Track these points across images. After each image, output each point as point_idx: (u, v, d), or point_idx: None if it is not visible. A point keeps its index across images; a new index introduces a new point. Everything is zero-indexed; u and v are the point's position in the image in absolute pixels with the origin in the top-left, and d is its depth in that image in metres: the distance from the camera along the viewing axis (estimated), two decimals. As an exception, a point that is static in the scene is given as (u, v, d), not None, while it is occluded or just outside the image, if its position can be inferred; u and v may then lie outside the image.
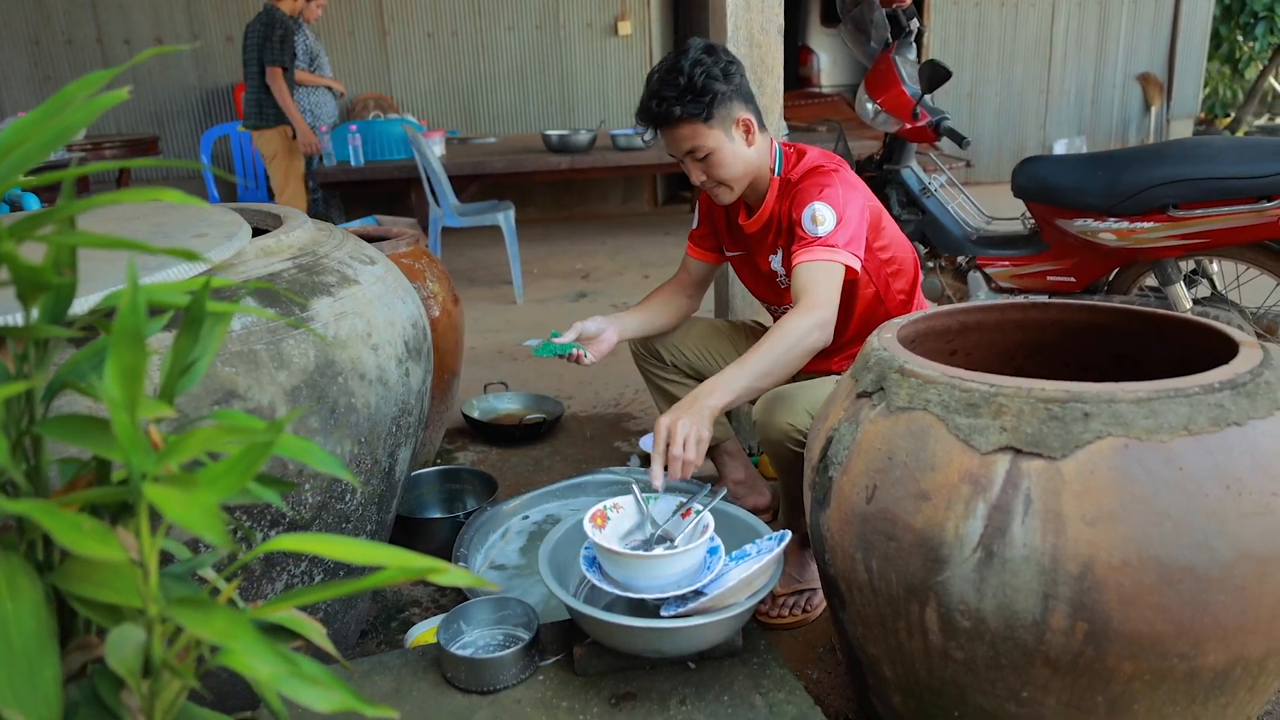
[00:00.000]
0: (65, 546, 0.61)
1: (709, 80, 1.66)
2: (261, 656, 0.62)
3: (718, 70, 1.68)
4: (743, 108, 1.74)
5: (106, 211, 1.62)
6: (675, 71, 1.67)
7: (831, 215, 1.65)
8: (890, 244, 1.83)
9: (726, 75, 1.69)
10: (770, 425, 1.63)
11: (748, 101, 1.76)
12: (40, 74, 6.39)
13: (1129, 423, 1.03)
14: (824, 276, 1.63)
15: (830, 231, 1.65)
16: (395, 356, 1.51)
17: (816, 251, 1.64)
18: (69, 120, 0.76)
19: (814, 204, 1.67)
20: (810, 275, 1.64)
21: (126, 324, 0.65)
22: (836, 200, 1.66)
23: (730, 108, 1.71)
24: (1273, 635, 1.04)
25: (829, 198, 1.67)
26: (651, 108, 1.70)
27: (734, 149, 1.74)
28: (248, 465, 0.64)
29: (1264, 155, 2.30)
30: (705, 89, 1.66)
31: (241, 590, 1.32)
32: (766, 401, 1.66)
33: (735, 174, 1.76)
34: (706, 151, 1.72)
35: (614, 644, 1.28)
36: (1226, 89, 9.99)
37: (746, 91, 1.76)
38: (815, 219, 1.66)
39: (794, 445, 1.61)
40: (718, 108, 1.69)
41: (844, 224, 1.66)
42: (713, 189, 1.80)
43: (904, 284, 1.86)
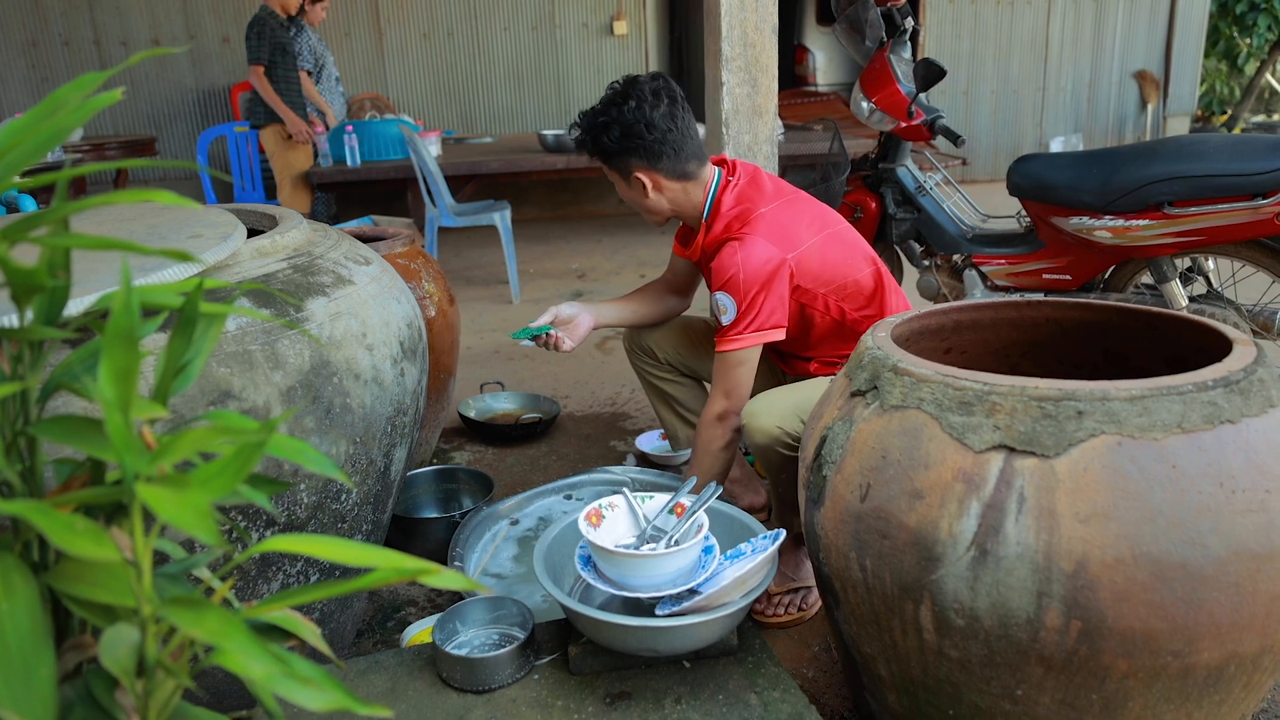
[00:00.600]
0: (58, 547, 0.61)
1: (602, 135, 1.76)
2: (254, 656, 0.62)
3: (617, 131, 1.74)
4: (642, 166, 1.78)
5: (103, 212, 1.62)
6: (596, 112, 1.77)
7: (731, 305, 1.72)
8: (834, 276, 1.81)
9: (627, 135, 1.73)
10: (757, 429, 1.64)
11: (653, 161, 1.77)
12: (37, 76, 6.39)
13: (1122, 421, 1.03)
14: (725, 368, 1.75)
15: (733, 320, 1.73)
16: (390, 356, 1.51)
17: (723, 343, 1.75)
18: (63, 122, 0.76)
19: (717, 295, 1.75)
20: (717, 367, 1.77)
21: (120, 325, 0.65)
22: (736, 285, 1.71)
23: (624, 164, 1.79)
24: (1267, 632, 1.04)
25: (729, 285, 1.71)
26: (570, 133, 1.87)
27: (630, 192, 1.85)
28: (240, 466, 0.64)
29: (1259, 152, 2.31)
30: (596, 140, 1.78)
31: (237, 590, 1.32)
32: (753, 406, 1.67)
33: (643, 209, 1.87)
34: (612, 180, 1.85)
35: (609, 643, 1.28)
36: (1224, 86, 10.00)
37: (655, 151, 1.76)
38: (719, 309, 1.75)
39: (782, 448, 1.62)
40: (610, 160, 1.80)
41: (747, 309, 1.71)
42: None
43: (860, 302, 1.85)
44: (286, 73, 4.51)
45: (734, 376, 1.75)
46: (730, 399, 1.75)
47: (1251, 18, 8.86)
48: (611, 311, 2.05)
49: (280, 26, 4.43)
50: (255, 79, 4.38)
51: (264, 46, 4.37)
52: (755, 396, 1.72)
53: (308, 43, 4.91)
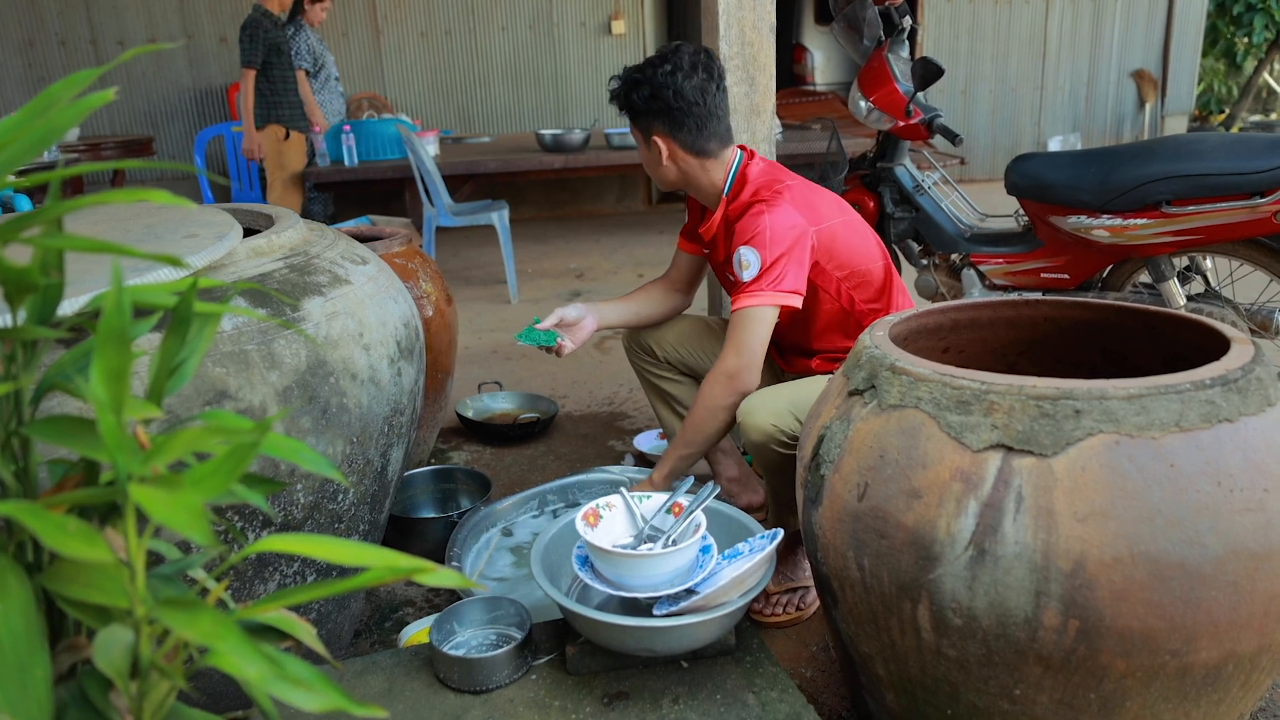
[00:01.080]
0: (51, 548, 0.61)
1: (637, 88, 1.75)
2: (248, 657, 0.61)
3: (647, 89, 1.74)
4: (663, 131, 1.78)
5: (100, 211, 1.62)
6: (638, 67, 1.77)
7: (755, 259, 1.69)
8: (848, 261, 1.81)
9: (655, 96, 1.74)
10: (752, 427, 1.64)
11: (674, 130, 1.77)
12: (34, 75, 6.38)
13: (1120, 419, 1.03)
14: (741, 324, 1.71)
15: (755, 276, 1.69)
16: (387, 356, 1.50)
17: (739, 299, 1.71)
18: (55, 121, 0.76)
19: (740, 249, 1.72)
20: (732, 324, 1.73)
21: (112, 325, 0.65)
22: (763, 243, 1.69)
23: (647, 124, 1.79)
24: (1265, 631, 1.04)
25: (755, 241, 1.69)
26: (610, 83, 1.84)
27: (648, 155, 1.84)
28: (234, 466, 0.64)
29: (1256, 151, 2.31)
30: (626, 95, 1.78)
31: (234, 590, 1.32)
32: (749, 403, 1.67)
33: (656, 175, 1.87)
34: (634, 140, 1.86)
35: (606, 643, 1.28)
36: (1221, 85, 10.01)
37: (678, 120, 1.76)
38: (741, 264, 1.71)
39: (778, 446, 1.62)
40: (635, 118, 1.80)
41: (770, 266, 1.68)
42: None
43: (870, 294, 1.86)
44: (283, 73, 4.49)
45: (749, 334, 1.69)
46: (742, 357, 1.69)
47: (1249, 17, 8.87)
48: (614, 312, 2.04)
49: (275, 26, 4.40)
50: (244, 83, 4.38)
51: (257, 49, 4.34)
52: (752, 394, 1.71)
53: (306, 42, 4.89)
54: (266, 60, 4.40)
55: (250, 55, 4.34)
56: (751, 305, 1.69)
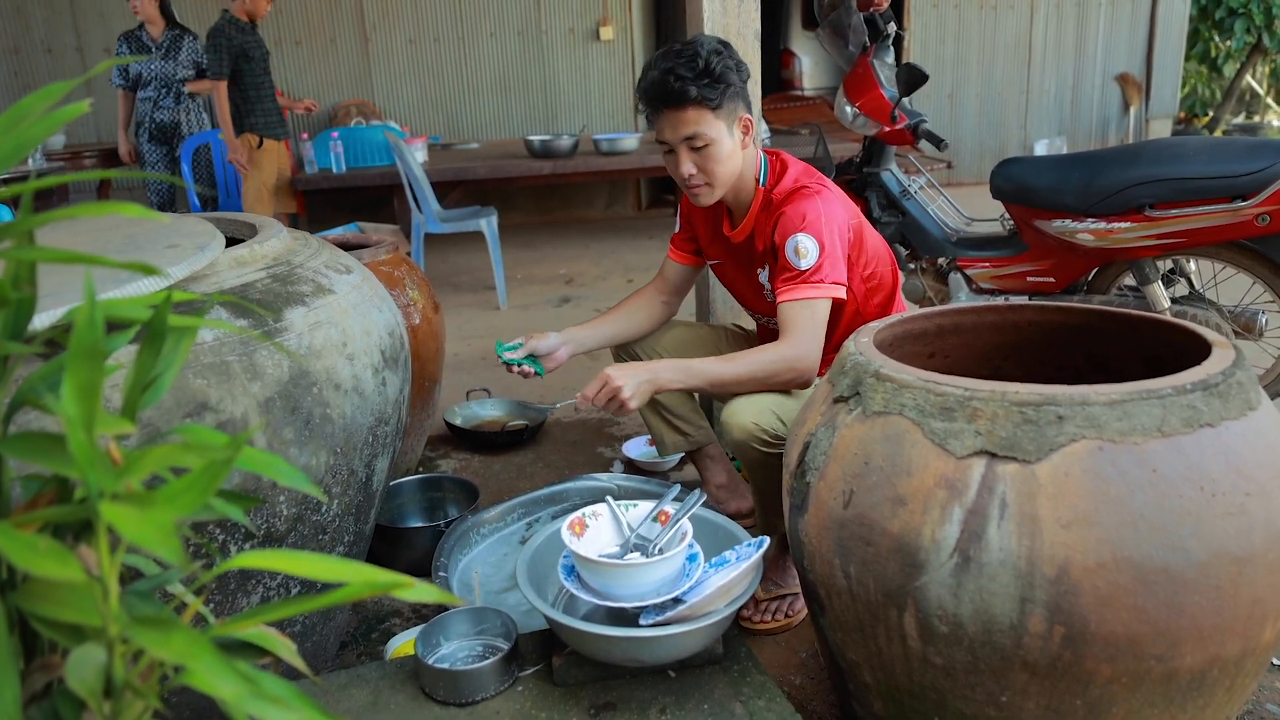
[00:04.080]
0: (20, 567, 0.60)
1: (726, 70, 1.66)
2: (223, 676, 0.61)
3: (732, 63, 1.68)
4: (746, 108, 1.75)
5: (81, 223, 1.61)
6: (693, 55, 1.65)
7: (815, 248, 1.65)
8: (871, 259, 1.82)
9: (739, 70, 1.70)
10: (734, 425, 1.63)
11: (749, 105, 1.77)
12: (20, 83, 6.34)
13: (1102, 425, 1.03)
14: (807, 315, 1.65)
15: (814, 265, 1.65)
16: (371, 366, 1.50)
17: (801, 289, 1.65)
18: (27, 134, 0.75)
19: (797, 235, 1.66)
20: (793, 314, 1.66)
21: (83, 341, 0.64)
22: (820, 230, 1.65)
23: (737, 104, 1.71)
24: (1249, 635, 1.04)
25: (812, 228, 1.65)
26: (668, 83, 1.65)
27: (732, 145, 1.72)
28: (208, 482, 0.63)
29: (1238, 155, 2.32)
30: (722, 77, 1.65)
31: (216, 604, 1.30)
32: (733, 404, 1.66)
33: (725, 172, 1.73)
34: (706, 141, 1.69)
35: (592, 654, 1.27)
36: (1205, 88, 10.09)
37: (748, 95, 1.76)
38: (799, 251, 1.66)
39: (759, 445, 1.61)
40: (728, 100, 1.68)
41: (827, 255, 1.65)
42: (697, 186, 1.75)
43: (881, 297, 1.86)
44: (255, 80, 4.43)
45: (816, 328, 1.64)
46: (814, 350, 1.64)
47: (1230, 22, 8.95)
48: (592, 336, 1.99)
49: (241, 33, 4.36)
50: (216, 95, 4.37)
51: (223, 59, 4.30)
52: (737, 396, 1.70)
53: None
54: (236, 68, 4.36)
55: (216, 66, 4.31)
56: (814, 296, 1.64)
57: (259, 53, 4.43)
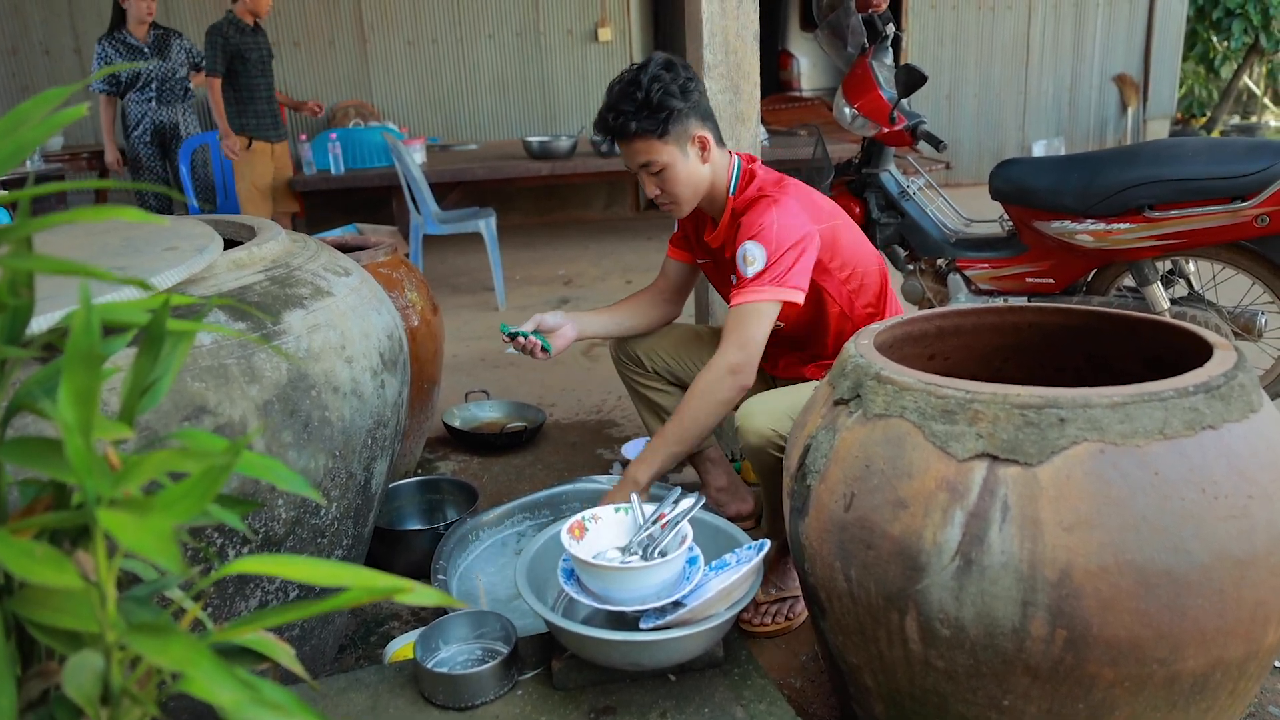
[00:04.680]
0: (16, 574, 0.59)
1: (666, 96, 1.68)
2: (221, 682, 0.60)
3: (675, 87, 1.69)
4: (699, 125, 1.75)
5: (79, 225, 1.60)
6: (634, 85, 1.69)
7: (761, 255, 1.67)
8: (849, 261, 1.82)
9: (684, 92, 1.70)
10: (751, 430, 1.63)
11: (705, 118, 1.77)
12: (18, 85, 6.33)
13: (1104, 427, 1.03)
14: (743, 319, 1.68)
15: (759, 271, 1.67)
16: (370, 368, 1.49)
17: (743, 294, 1.69)
18: (25, 138, 0.75)
19: (745, 244, 1.69)
20: (732, 318, 1.70)
21: (80, 345, 0.63)
22: (769, 239, 1.67)
23: (686, 125, 1.73)
24: (1252, 638, 1.04)
25: (762, 236, 1.67)
26: (608, 120, 1.72)
27: (688, 166, 1.76)
28: (206, 488, 0.63)
29: (1237, 156, 2.32)
30: (662, 105, 1.68)
31: (215, 607, 1.30)
32: (747, 407, 1.66)
33: (687, 192, 1.78)
34: (660, 166, 1.74)
35: (592, 657, 1.26)
36: (1202, 89, 10.10)
37: (705, 108, 1.77)
38: (746, 259, 1.69)
39: (775, 451, 1.61)
40: (673, 124, 1.70)
41: (776, 262, 1.67)
42: (665, 205, 1.82)
43: (869, 298, 1.86)
44: (249, 81, 4.44)
45: (751, 329, 1.67)
46: (745, 351, 1.67)
47: (1227, 23, 8.97)
48: (596, 322, 2.03)
49: (240, 34, 4.37)
50: (211, 92, 4.39)
51: (218, 56, 4.34)
52: (750, 398, 1.70)
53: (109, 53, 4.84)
54: (231, 68, 4.39)
55: (212, 64, 4.35)
56: (755, 300, 1.67)
57: (256, 55, 4.43)
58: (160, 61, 4.69)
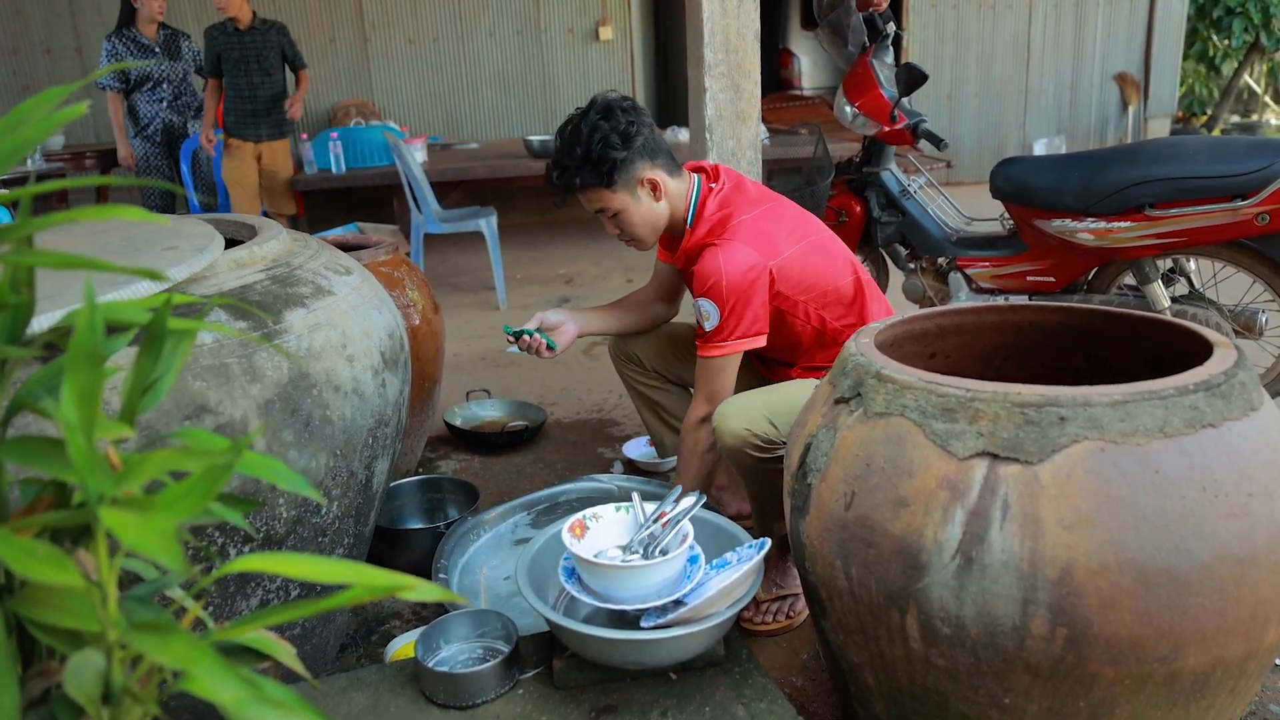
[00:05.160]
0: (18, 573, 0.60)
1: (606, 149, 1.70)
2: (223, 681, 0.60)
3: (615, 137, 1.71)
4: (647, 166, 1.76)
5: (79, 225, 1.60)
6: (574, 138, 1.72)
7: (715, 311, 1.72)
8: (815, 283, 1.80)
9: (625, 139, 1.71)
10: (726, 431, 1.64)
11: (654, 157, 1.77)
12: (19, 84, 6.33)
13: (1104, 426, 1.03)
14: (709, 374, 1.77)
15: (716, 327, 1.73)
16: (371, 367, 1.49)
17: (707, 348, 1.75)
18: (27, 136, 0.75)
19: (699, 300, 1.74)
20: (700, 372, 1.78)
21: (83, 344, 0.63)
22: (720, 293, 1.70)
23: (631, 170, 1.75)
24: (1252, 637, 1.04)
25: (712, 292, 1.71)
26: (553, 177, 1.77)
27: (639, 208, 1.79)
28: (208, 487, 0.63)
29: (1238, 154, 2.32)
30: (603, 158, 1.71)
31: (216, 606, 1.30)
32: (724, 408, 1.67)
33: (645, 230, 1.83)
34: (614, 212, 1.79)
35: (593, 656, 1.26)
36: (1203, 87, 10.09)
37: (653, 146, 1.77)
38: (702, 314, 1.74)
39: (752, 450, 1.61)
40: (618, 174, 1.73)
41: (729, 315, 1.71)
42: (627, 241, 1.87)
43: (841, 310, 1.85)
44: (231, 80, 4.47)
45: (717, 382, 1.77)
46: (713, 403, 1.76)
47: (1228, 21, 8.96)
48: (597, 320, 2.04)
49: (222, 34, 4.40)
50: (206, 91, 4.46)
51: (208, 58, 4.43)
52: (728, 399, 1.71)
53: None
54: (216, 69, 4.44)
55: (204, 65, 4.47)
56: (716, 355, 1.75)
57: (235, 54, 4.43)
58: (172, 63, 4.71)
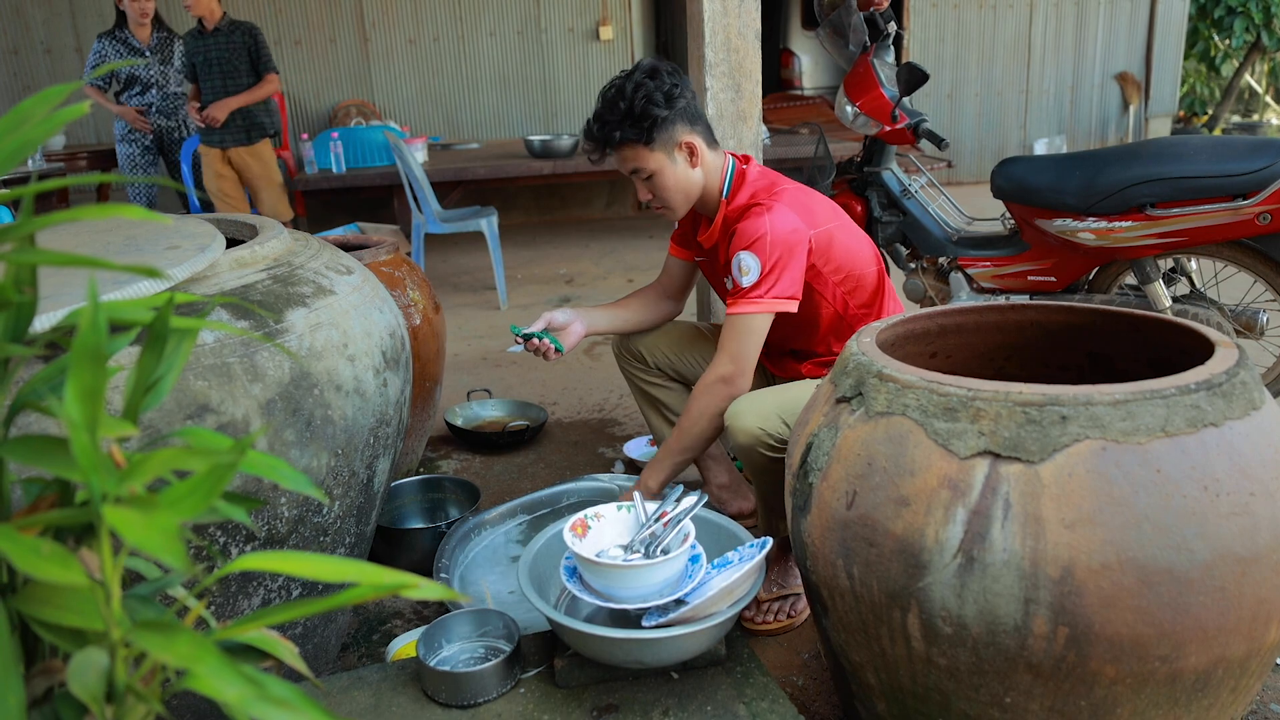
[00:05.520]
0: (23, 571, 0.60)
1: (649, 105, 1.69)
2: (227, 679, 0.60)
3: (659, 95, 1.70)
4: (687, 130, 1.76)
5: (81, 224, 1.60)
6: (618, 95, 1.71)
7: (756, 265, 1.68)
8: (844, 265, 1.81)
9: (669, 99, 1.71)
10: (740, 429, 1.63)
11: (694, 122, 1.77)
12: (20, 84, 6.34)
13: (1106, 425, 1.03)
14: (737, 330, 1.71)
15: (755, 282, 1.69)
16: (372, 367, 1.49)
17: (740, 304, 1.70)
18: (29, 135, 0.75)
19: (740, 254, 1.70)
20: (727, 328, 1.72)
21: (86, 343, 0.63)
22: (764, 248, 1.68)
23: (672, 131, 1.73)
24: (1253, 636, 1.04)
25: (756, 247, 1.69)
26: (594, 130, 1.75)
27: (675, 171, 1.77)
28: (212, 486, 0.63)
29: (1238, 154, 2.32)
30: (645, 114, 1.70)
31: (218, 605, 1.30)
32: (736, 406, 1.67)
33: (678, 197, 1.80)
34: (649, 173, 1.77)
35: (594, 655, 1.27)
36: (1204, 87, 10.09)
37: (693, 112, 1.77)
38: (741, 269, 1.70)
39: (765, 449, 1.61)
40: (658, 132, 1.72)
41: (770, 272, 1.68)
42: (658, 208, 1.84)
43: (864, 298, 1.86)
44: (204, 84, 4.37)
45: (746, 343, 1.71)
46: (737, 363, 1.70)
47: (1229, 21, 8.96)
48: (603, 318, 2.04)
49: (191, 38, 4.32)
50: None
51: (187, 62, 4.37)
52: (740, 397, 1.71)
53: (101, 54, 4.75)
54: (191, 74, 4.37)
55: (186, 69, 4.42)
56: (749, 312, 1.69)
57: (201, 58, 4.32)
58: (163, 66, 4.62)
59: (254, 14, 6.35)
